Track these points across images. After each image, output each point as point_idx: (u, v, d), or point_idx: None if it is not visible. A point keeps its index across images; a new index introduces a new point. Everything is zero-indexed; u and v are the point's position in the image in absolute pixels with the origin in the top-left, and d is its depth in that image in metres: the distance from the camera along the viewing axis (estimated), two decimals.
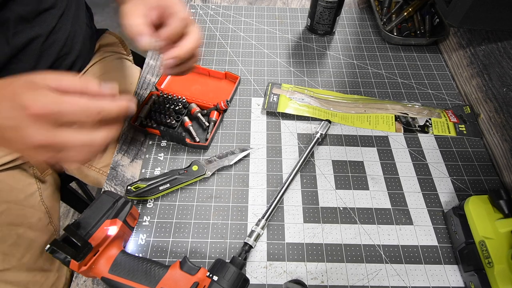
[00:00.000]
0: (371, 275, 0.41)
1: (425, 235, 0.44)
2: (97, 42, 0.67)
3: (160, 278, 0.34)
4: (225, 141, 0.52)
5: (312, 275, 0.41)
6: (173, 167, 0.49)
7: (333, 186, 0.48)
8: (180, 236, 0.43)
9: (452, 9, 0.46)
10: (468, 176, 0.49)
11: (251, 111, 0.56)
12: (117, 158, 0.51)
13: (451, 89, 0.60)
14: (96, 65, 0.64)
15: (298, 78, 0.61)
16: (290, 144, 0.52)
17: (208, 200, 0.46)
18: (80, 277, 0.40)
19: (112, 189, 0.47)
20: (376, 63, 0.63)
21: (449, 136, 0.53)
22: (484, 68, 0.54)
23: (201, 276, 0.35)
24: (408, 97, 0.58)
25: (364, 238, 0.43)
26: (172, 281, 0.34)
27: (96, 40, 0.67)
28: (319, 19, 0.64)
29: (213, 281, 0.34)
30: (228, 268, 0.35)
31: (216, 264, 0.36)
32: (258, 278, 0.40)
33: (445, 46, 0.65)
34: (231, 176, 0.48)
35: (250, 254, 0.42)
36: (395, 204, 0.46)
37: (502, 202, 0.39)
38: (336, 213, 0.45)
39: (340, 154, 0.51)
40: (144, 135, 0.53)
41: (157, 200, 0.46)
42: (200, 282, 0.34)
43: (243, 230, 0.44)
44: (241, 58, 0.63)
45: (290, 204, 0.46)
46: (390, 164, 0.50)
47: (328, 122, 0.52)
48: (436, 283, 0.40)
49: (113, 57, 0.68)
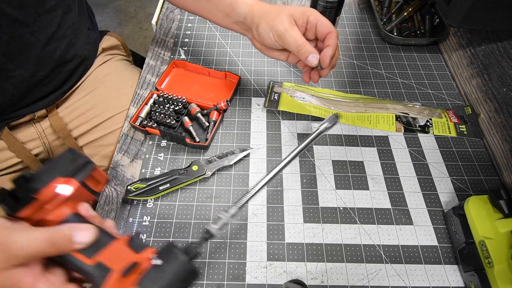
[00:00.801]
0: (371, 275, 0.41)
1: (425, 235, 0.44)
2: (100, 45, 0.66)
3: (100, 248, 0.30)
4: (225, 141, 0.52)
5: (312, 275, 0.41)
6: (173, 167, 0.49)
7: (333, 186, 0.48)
8: (180, 236, 0.43)
9: (452, 9, 0.46)
10: (468, 176, 0.49)
11: (251, 111, 0.56)
12: (117, 158, 0.51)
13: (451, 89, 0.60)
14: (98, 69, 0.64)
15: (298, 78, 0.61)
16: (290, 144, 0.52)
17: (208, 200, 0.46)
18: None
19: (112, 189, 0.47)
20: (376, 63, 0.63)
21: (449, 136, 0.53)
22: (484, 68, 0.54)
23: (145, 257, 0.31)
24: (408, 97, 0.58)
25: (364, 238, 0.43)
26: (112, 255, 0.31)
27: (99, 43, 0.67)
28: None
29: (154, 266, 0.30)
30: (176, 255, 0.30)
31: (167, 248, 0.31)
32: (258, 278, 0.40)
33: (445, 46, 0.65)
34: (231, 176, 0.48)
35: (250, 254, 0.42)
36: (395, 204, 0.46)
37: (502, 202, 0.39)
38: (336, 213, 0.45)
39: (340, 154, 0.51)
40: (144, 135, 0.53)
41: (157, 200, 0.46)
42: (140, 263, 0.30)
43: (243, 230, 0.44)
44: (241, 58, 0.63)
45: (290, 204, 0.46)
46: (390, 164, 0.50)
47: (336, 117, 0.44)
48: (436, 283, 0.40)
49: (115, 59, 0.68)
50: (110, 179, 0.45)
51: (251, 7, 0.45)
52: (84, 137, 0.61)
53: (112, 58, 0.68)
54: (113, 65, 0.67)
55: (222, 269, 0.41)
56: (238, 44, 0.66)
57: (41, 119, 0.58)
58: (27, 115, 0.56)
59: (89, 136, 0.61)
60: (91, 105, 0.61)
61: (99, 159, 0.61)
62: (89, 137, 0.61)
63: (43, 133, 0.58)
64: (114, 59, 0.68)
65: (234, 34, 0.67)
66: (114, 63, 0.67)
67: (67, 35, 0.54)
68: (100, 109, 0.61)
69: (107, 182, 0.41)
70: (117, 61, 0.68)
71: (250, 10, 0.45)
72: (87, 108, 0.61)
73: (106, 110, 0.61)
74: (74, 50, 0.57)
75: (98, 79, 0.63)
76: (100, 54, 0.66)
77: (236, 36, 0.67)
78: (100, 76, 0.63)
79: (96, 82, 0.63)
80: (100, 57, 0.65)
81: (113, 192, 0.47)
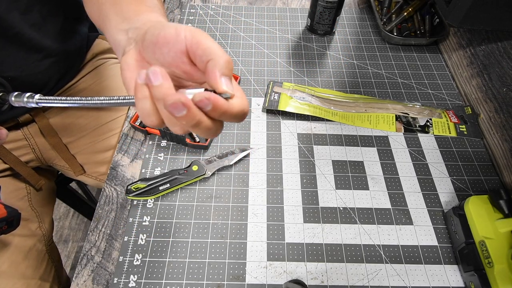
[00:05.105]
0: (371, 275, 0.41)
1: (425, 235, 0.44)
2: (89, 51, 0.62)
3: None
4: (225, 141, 0.52)
5: (312, 275, 0.41)
6: (173, 167, 0.49)
7: (333, 186, 0.48)
8: (180, 236, 0.43)
9: (452, 9, 0.46)
10: (468, 176, 0.49)
11: (251, 111, 0.56)
12: (117, 158, 0.51)
13: (451, 89, 0.60)
14: (87, 76, 0.61)
15: (298, 78, 0.61)
16: (290, 144, 0.52)
17: (208, 200, 0.46)
18: (80, 277, 0.40)
19: (112, 189, 0.48)
20: (376, 63, 0.63)
21: (449, 136, 0.53)
22: (484, 68, 0.54)
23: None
24: (408, 97, 0.58)
25: (364, 238, 0.43)
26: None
27: (87, 49, 0.62)
28: (319, 19, 0.64)
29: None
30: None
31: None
32: (258, 278, 0.40)
33: (445, 46, 0.65)
34: (231, 176, 0.48)
35: (250, 254, 0.42)
36: (395, 204, 0.46)
37: (502, 202, 0.39)
38: (336, 213, 0.45)
39: (340, 154, 0.51)
40: (144, 135, 0.53)
41: (157, 200, 0.46)
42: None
43: (243, 230, 0.44)
44: (241, 58, 0.63)
45: (290, 204, 0.46)
46: (390, 164, 0.50)
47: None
48: (436, 283, 0.40)
49: (107, 64, 0.65)
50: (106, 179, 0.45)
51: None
52: (76, 143, 0.60)
53: (105, 63, 0.64)
54: (106, 70, 0.64)
55: (222, 269, 0.41)
56: (238, 44, 0.66)
57: (27, 124, 0.55)
58: (10, 120, 0.53)
59: (82, 142, 0.59)
60: (85, 111, 0.59)
61: (93, 166, 0.60)
62: (81, 142, 0.59)
63: (32, 139, 0.56)
64: (107, 63, 0.65)
65: (234, 34, 0.67)
66: (108, 68, 0.64)
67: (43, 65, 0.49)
68: (93, 116, 0.59)
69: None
70: (110, 65, 0.65)
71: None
72: (80, 115, 0.59)
73: (99, 117, 0.59)
74: (43, 40, 0.49)
75: (88, 83, 0.60)
76: (89, 61, 0.62)
77: (236, 36, 0.67)
78: (91, 82, 0.61)
79: (89, 90, 0.60)
80: (90, 64, 0.62)
81: (113, 192, 0.47)
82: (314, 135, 0.53)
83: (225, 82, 0.24)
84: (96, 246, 0.43)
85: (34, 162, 0.59)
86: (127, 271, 0.40)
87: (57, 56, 0.53)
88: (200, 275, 0.40)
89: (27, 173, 0.55)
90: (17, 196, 0.55)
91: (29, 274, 0.51)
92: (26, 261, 0.51)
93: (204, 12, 0.72)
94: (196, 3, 0.74)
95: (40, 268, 0.53)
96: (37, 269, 0.53)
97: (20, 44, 0.46)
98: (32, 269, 0.52)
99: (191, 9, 0.72)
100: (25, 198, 0.56)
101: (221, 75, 0.24)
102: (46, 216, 0.59)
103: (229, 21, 0.70)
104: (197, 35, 0.25)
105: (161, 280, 0.40)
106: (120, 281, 0.40)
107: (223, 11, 0.72)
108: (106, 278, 0.40)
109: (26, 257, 0.51)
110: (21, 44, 0.46)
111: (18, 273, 0.50)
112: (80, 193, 0.90)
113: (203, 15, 0.71)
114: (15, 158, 0.54)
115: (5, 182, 0.54)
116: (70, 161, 0.59)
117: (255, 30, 0.68)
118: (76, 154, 0.60)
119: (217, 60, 0.24)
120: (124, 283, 0.40)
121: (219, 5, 0.73)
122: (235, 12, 0.72)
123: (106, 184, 0.48)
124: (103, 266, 0.41)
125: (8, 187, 0.54)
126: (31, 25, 0.46)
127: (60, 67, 0.55)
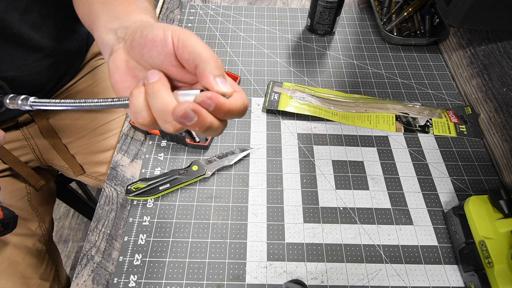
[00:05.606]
0: (371, 275, 0.41)
1: (425, 235, 0.44)
2: (89, 51, 0.62)
3: None
4: (225, 141, 0.52)
5: (312, 275, 0.41)
6: (173, 167, 0.49)
7: (333, 186, 0.48)
8: (180, 236, 0.43)
9: (452, 9, 0.46)
10: (468, 176, 0.49)
11: (251, 111, 0.56)
12: (117, 158, 0.51)
13: (451, 89, 0.60)
14: (87, 76, 0.61)
15: (298, 78, 0.61)
16: (290, 144, 0.52)
17: (208, 200, 0.46)
18: (80, 277, 0.40)
19: (112, 189, 0.48)
20: (376, 63, 0.63)
21: (449, 136, 0.53)
22: (484, 68, 0.54)
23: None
24: (408, 97, 0.58)
25: (364, 238, 0.43)
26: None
27: (87, 49, 0.62)
28: (319, 19, 0.64)
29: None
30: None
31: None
32: (258, 278, 0.40)
33: (445, 46, 0.65)
34: (231, 176, 0.48)
35: (250, 254, 0.42)
36: (395, 204, 0.46)
37: (502, 202, 0.39)
38: (336, 213, 0.45)
39: (340, 154, 0.51)
40: (144, 135, 0.53)
41: (157, 200, 0.46)
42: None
43: (243, 230, 0.44)
44: (241, 58, 0.63)
45: (290, 204, 0.46)
46: (390, 164, 0.50)
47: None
48: (436, 283, 0.40)
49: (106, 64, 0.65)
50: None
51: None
52: (75, 144, 0.60)
53: (105, 63, 0.64)
54: (106, 71, 0.63)
55: (222, 269, 0.41)
56: (238, 44, 0.66)
57: (27, 124, 0.55)
58: (10, 121, 0.53)
59: (82, 142, 0.59)
60: (84, 112, 0.59)
61: (93, 166, 0.60)
62: (81, 143, 0.59)
63: (31, 139, 0.56)
64: (105, 64, 0.64)
65: (234, 34, 0.67)
66: (106, 70, 0.64)
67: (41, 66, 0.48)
68: (93, 116, 0.59)
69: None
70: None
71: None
72: (80, 115, 0.59)
73: (99, 117, 0.59)
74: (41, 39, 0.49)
75: (88, 84, 0.60)
76: (88, 62, 0.62)
77: (236, 36, 0.67)
78: (90, 82, 0.61)
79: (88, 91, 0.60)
80: (88, 65, 0.62)
81: (113, 192, 0.47)
82: (314, 135, 0.53)
83: (221, 82, 0.24)
84: (96, 246, 0.43)
85: (33, 162, 0.59)
86: (127, 271, 0.40)
87: (57, 56, 0.52)
88: (200, 275, 0.40)
89: (27, 173, 0.55)
90: (17, 196, 0.55)
91: (29, 273, 0.51)
92: (26, 261, 0.51)
93: (204, 12, 0.72)
94: (196, 3, 0.74)
95: (40, 267, 0.53)
96: (37, 269, 0.53)
97: (19, 44, 0.46)
98: (32, 268, 0.52)
99: (191, 9, 0.72)
100: (25, 198, 0.56)
101: (214, 77, 0.24)
102: (46, 215, 0.59)
103: (229, 21, 0.70)
104: (183, 38, 0.25)
105: (161, 280, 0.40)
106: (120, 281, 0.40)
107: (223, 11, 0.72)
108: (106, 278, 0.40)
109: (26, 257, 0.51)
110: (20, 44, 0.46)
111: (18, 272, 0.50)
112: (80, 193, 0.90)
113: (203, 15, 0.71)
114: (15, 158, 0.54)
115: (5, 182, 0.54)
116: (69, 161, 0.59)
117: (255, 30, 0.68)
118: (76, 154, 0.60)
119: (206, 63, 0.24)
120: (124, 283, 0.40)
121: (219, 5, 0.73)
122: (235, 12, 0.72)
123: (106, 184, 0.48)
124: (103, 266, 0.41)
125: (8, 187, 0.54)
126: (30, 25, 0.46)
127: (60, 67, 0.55)
